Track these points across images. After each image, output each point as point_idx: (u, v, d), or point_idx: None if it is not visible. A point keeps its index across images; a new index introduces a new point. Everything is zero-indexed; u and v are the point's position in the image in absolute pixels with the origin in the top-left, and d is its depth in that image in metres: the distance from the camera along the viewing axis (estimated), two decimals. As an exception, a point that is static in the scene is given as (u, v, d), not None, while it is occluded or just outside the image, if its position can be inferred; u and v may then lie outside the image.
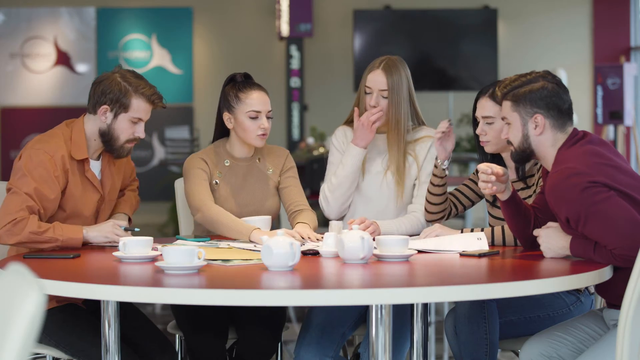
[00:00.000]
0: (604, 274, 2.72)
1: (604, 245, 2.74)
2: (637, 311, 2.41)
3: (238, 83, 3.61)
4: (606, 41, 9.97)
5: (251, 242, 3.28)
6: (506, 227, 3.19)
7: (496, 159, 3.43)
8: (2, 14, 10.24)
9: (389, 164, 3.62)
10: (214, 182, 3.56)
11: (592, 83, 9.59)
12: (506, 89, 2.96)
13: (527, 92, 2.90)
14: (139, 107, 3.26)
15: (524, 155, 2.95)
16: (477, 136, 3.40)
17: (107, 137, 3.28)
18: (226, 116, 3.58)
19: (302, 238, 3.30)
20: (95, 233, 3.19)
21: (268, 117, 3.57)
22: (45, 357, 3.20)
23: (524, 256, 2.96)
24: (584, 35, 10.08)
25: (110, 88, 3.24)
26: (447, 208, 3.52)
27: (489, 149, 3.37)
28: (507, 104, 2.95)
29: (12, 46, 10.21)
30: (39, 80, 10.23)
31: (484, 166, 3.00)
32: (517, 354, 3.36)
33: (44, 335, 3.08)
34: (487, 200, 3.48)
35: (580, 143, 2.88)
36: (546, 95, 2.89)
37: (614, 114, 8.46)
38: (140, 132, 3.30)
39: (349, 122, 3.74)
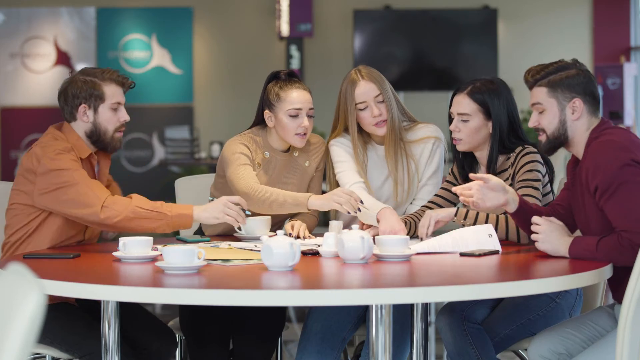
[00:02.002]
0: (604, 273, 2.72)
1: (616, 226, 2.75)
2: (637, 311, 2.41)
3: (280, 81, 3.55)
4: (606, 41, 9.97)
5: (309, 210, 3.29)
6: (509, 218, 3.17)
7: (469, 157, 3.42)
8: (2, 14, 10.24)
9: (391, 169, 3.57)
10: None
11: (592, 83, 9.58)
12: (539, 75, 2.95)
13: (564, 77, 2.93)
14: (113, 92, 3.27)
15: (557, 142, 2.96)
16: (451, 133, 3.38)
17: (96, 135, 3.27)
18: (267, 114, 3.54)
19: (296, 235, 3.31)
20: (206, 214, 3.16)
21: (309, 116, 3.53)
22: (45, 357, 3.20)
23: (524, 256, 2.96)
24: (584, 35, 10.08)
25: (79, 87, 3.25)
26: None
27: (461, 147, 3.36)
28: (542, 90, 2.95)
29: (12, 46, 10.21)
30: (39, 80, 10.22)
31: (458, 190, 3.01)
32: (517, 354, 3.36)
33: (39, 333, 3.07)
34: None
35: (618, 126, 2.92)
36: (582, 82, 2.93)
37: (614, 114, 8.46)
38: (123, 116, 3.30)
39: (339, 133, 3.65)
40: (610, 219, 2.78)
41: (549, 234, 2.87)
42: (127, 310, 3.10)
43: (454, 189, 3.08)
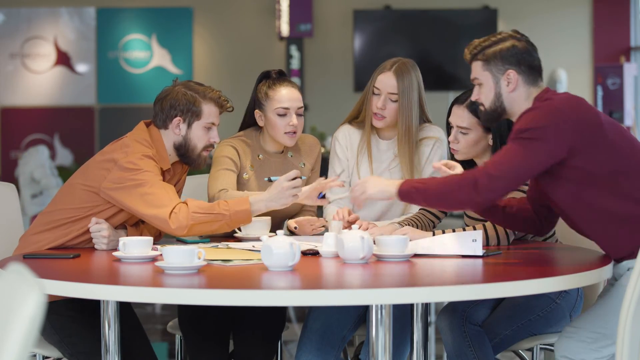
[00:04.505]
0: (604, 273, 2.72)
1: (487, 162, 2.80)
2: (637, 311, 2.41)
3: (269, 80, 3.56)
4: (606, 41, 9.97)
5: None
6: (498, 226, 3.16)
7: (470, 163, 3.41)
8: (2, 14, 10.24)
9: (402, 172, 3.56)
10: (244, 174, 3.53)
11: (592, 83, 9.59)
12: (475, 50, 2.97)
13: (497, 50, 2.93)
14: (210, 111, 3.27)
15: (495, 114, 2.96)
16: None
17: (183, 149, 3.28)
18: (257, 114, 3.56)
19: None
20: (273, 204, 3.13)
21: (298, 115, 3.54)
22: (35, 356, 3.19)
23: (525, 256, 2.96)
24: (584, 35, 10.08)
25: (178, 100, 3.25)
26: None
27: (459, 157, 3.36)
28: (477, 64, 2.97)
29: (12, 46, 10.21)
30: (39, 80, 10.22)
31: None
32: (517, 354, 3.36)
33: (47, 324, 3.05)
34: None
35: (568, 93, 2.90)
36: (517, 53, 2.92)
37: (614, 114, 8.45)
38: (214, 136, 3.30)
39: (352, 119, 3.68)
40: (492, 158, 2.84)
41: (367, 181, 2.91)
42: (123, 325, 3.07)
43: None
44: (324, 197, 3.23)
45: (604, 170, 2.78)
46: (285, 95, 3.51)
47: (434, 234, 3.12)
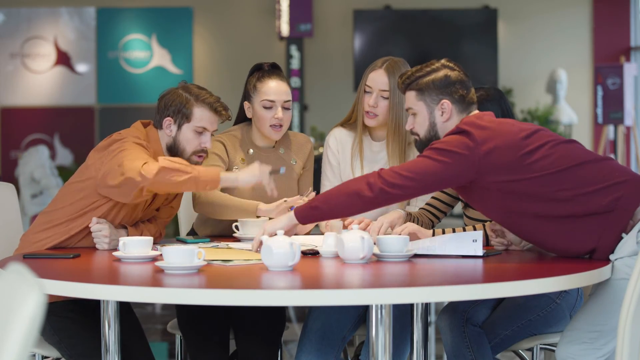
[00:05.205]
0: (603, 273, 2.72)
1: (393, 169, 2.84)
2: (637, 311, 2.41)
3: (260, 72, 3.55)
4: (606, 41, 9.97)
5: (258, 217, 3.32)
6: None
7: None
8: (2, 14, 10.25)
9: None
10: (234, 168, 3.53)
11: (592, 83, 9.58)
12: (409, 80, 2.99)
13: (430, 80, 2.96)
14: (202, 115, 3.24)
15: (430, 143, 2.98)
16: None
17: (174, 151, 3.25)
18: (246, 105, 3.56)
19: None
20: (244, 175, 3.11)
21: (285, 108, 3.52)
22: (34, 356, 3.19)
23: (524, 256, 2.96)
24: (584, 35, 10.08)
25: (172, 100, 3.25)
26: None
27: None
28: (411, 94, 2.99)
29: (12, 46, 10.21)
30: (39, 80, 10.22)
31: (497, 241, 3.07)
32: (517, 354, 3.36)
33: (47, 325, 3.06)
34: (461, 201, 3.45)
35: (485, 114, 2.93)
36: (450, 83, 2.95)
37: (614, 114, 8.45)
38: (206, 142, 3.26)
39: (345, 122, 3.67)
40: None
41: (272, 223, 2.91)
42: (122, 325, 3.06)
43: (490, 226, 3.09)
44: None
45: (522, 185, 2.79)
46: (273, 88, 3.50)
47: (433, 234, 3.12)
